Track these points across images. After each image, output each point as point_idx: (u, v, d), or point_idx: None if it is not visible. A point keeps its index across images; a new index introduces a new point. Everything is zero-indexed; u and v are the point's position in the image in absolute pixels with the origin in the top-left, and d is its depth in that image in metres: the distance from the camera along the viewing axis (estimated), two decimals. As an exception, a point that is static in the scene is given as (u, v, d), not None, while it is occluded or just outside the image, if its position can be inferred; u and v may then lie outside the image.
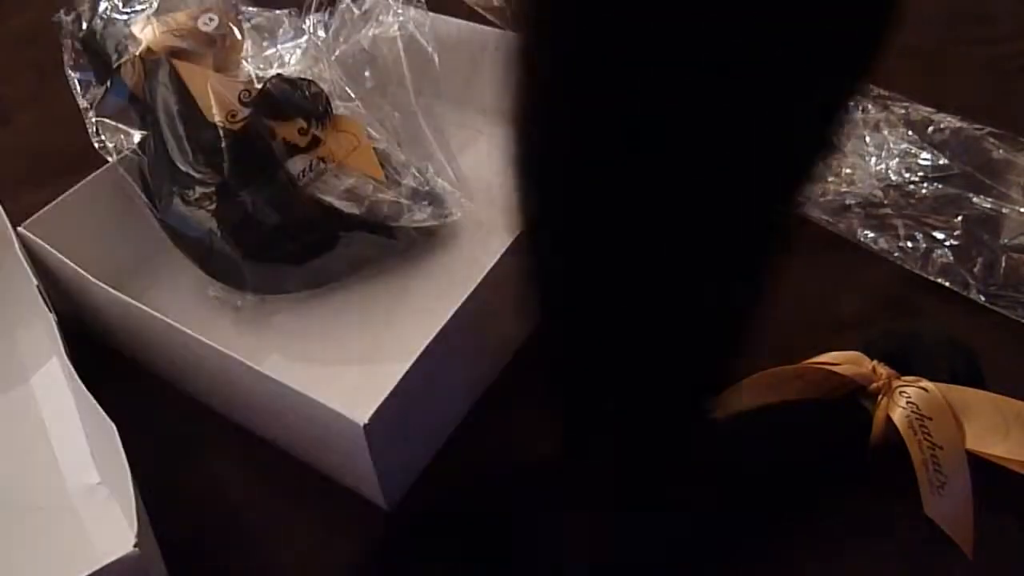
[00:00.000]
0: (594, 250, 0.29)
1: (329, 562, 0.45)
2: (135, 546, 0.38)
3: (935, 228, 0.57)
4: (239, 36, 0.56)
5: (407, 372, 0.43)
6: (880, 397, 0.45)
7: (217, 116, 0.53)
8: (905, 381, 0.45)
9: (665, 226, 0.27)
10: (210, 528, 0.47)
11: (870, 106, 0.65)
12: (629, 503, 0.40)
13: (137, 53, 0.54)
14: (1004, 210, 0.57)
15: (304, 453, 0.49)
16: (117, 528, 0.43)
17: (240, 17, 0.58)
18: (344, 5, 0.60)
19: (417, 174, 0.57)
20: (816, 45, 0.24)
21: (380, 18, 0.60)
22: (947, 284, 0.54)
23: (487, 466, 0.48)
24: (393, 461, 0.45)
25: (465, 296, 0.46)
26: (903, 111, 0.64)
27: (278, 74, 0.55)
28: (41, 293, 0.50)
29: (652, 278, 0.29)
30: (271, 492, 0.49)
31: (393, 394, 0.42)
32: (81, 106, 0.56)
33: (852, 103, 0.28)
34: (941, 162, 0.61)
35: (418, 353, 0.43)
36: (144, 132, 0.55)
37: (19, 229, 0.53)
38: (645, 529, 0.41)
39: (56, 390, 0.51)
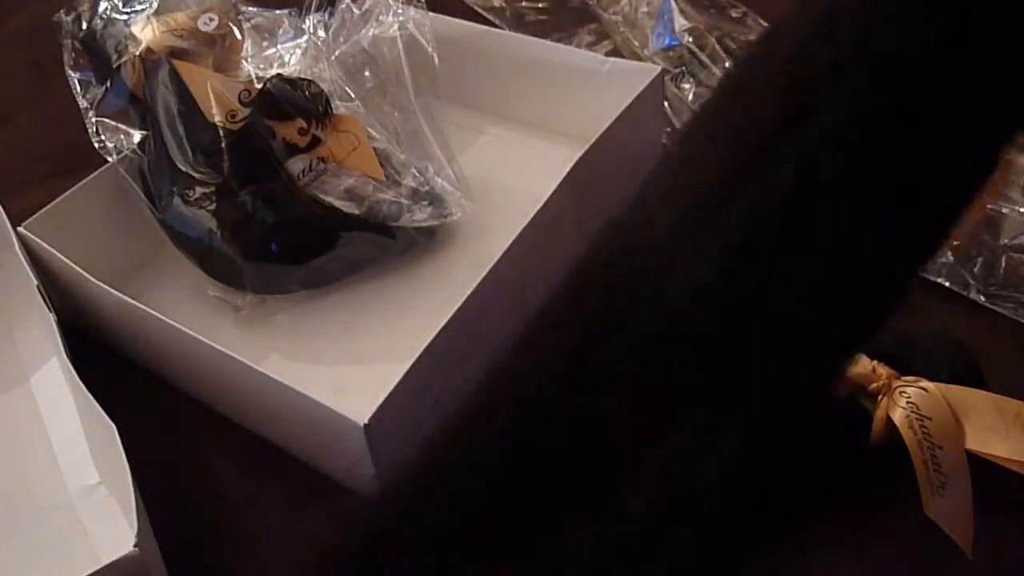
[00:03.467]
0: None
1: (329, 562, 0.45)
2: (135, 546, 0.38)
3: (935, 228, 0.57)
4: (239, 36, 0.56)
5: (407, 372, 0.43)
6: (880, 397, 0.45)
7: (217, 116, 0.53)
8: (905, 381, 0.45)
9: None
10: (210, 528, 0.47)
11: (870, 106, 0.65)
12: None
13: (137, 53, 0.54)
14: (1004, 210, 0.57)
15: (304, 453, 0.49)
16: (117, 528, 0.43)
17: (240, 17, 0.58)
18: (344, 5, 0.60)
19: (417, 174, 0.57)
20: None
21: (380, 18, 0.60)
22: (947, 284, 0.54)
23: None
24: (393, 461, 0.45)
25: (465, 296, 0.46)
26: (903, 111, 0.64)
27: (278, 74, 0.55)
28: (41, 293, 0.50)
29: None
30: (271, 492, 0.49)
31: (393, 394, 0.42)
32: (81, 106, 0.55)
33: None
34: (941, 162, 0.61)
35: (418, 353, 0.43)
36: (144, 132, 0.55)
37: (19, 229, 0.53)
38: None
39: (56, 390, 0.51)
